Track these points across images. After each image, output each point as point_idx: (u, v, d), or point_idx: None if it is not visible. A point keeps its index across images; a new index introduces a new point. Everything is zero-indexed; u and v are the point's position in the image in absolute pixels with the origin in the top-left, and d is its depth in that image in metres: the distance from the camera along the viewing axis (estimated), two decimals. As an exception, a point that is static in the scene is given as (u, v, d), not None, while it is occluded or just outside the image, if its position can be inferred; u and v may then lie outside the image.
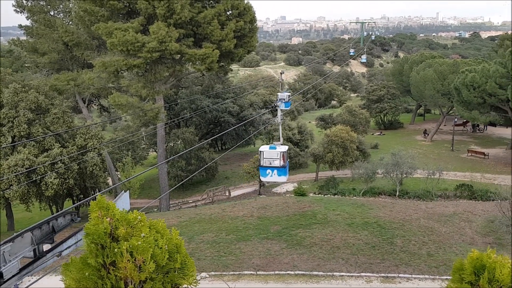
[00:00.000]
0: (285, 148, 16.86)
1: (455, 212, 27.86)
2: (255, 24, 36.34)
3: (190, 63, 34.38)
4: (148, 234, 4.82)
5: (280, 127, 18.46)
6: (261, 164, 16.77)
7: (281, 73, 29.22)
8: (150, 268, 4.69)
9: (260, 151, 16.79)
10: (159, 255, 4.82)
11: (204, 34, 32.38)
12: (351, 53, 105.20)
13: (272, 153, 16.50)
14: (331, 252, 22.01)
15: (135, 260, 4.65)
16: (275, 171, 16.62)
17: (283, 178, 17.04)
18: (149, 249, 4.69)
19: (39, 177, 27.73)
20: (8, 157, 28.47)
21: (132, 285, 4.67)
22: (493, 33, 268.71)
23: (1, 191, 27.52)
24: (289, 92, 30.77)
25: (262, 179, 17.50)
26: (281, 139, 18.10)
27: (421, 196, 33.48)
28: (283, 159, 16.40)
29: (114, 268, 4.67)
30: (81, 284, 4.67)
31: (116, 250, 4.65)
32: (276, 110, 18.31)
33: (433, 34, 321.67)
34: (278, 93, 28.86)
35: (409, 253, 21.74)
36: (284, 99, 27.26)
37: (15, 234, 8.73)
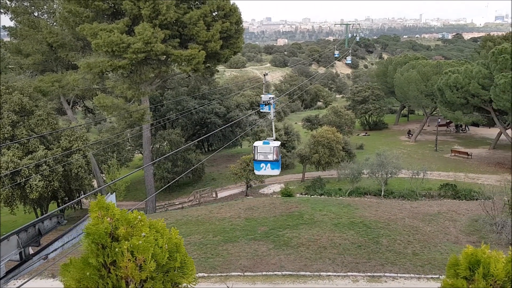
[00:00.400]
0: (277, 143, 17.66)
1: (439, 211, 28.21)
2: (241, 25, 36.36)
3: (176, 64, 34.27)
4: (148, 234, 4.84)
5: (273, 123, 19.38)
6: (255, 158, 17.46)
7: (264, 75, 29.07)
8: (151, 267, 4.71)
9: (254, 146, 17.55)
10: (160, 254, 4.85)
11: (190, 35, 32.31)
12: (336, 55, 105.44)
13: (266, 148, 17.35)
14: (318, 252, 22.13)
15: (135, 259, 4.68)
16: (269, 165, 17.49)
17: (276, 171, 17.73)
18: (150, 248, 4.72)
19: (23, 179, 27.38)
20: (-9, 159, 28.07)
21: (133, 284, 4.69)
22: (476, 35, 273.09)
23: (-15, 194, 27.12)
24: (273, 94, 30.57)
25: (256, 172, 17.97)
26: (274, 134, 19.00)
27: (406, 196, 33.86)
28: (276, 154, 17.22)
29: (114, 268, 4.69)
30: (82, 284, 4.68)
31: (117, 249, 4.67)
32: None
33: (416, 36, 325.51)
34: (262, 95, 29.23)
35: (395, 252, 21.96)
36: (268, 102, 27.94)
37: (0, 237, 8.64)
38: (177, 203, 40.40)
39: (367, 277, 20.00)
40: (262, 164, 17.58)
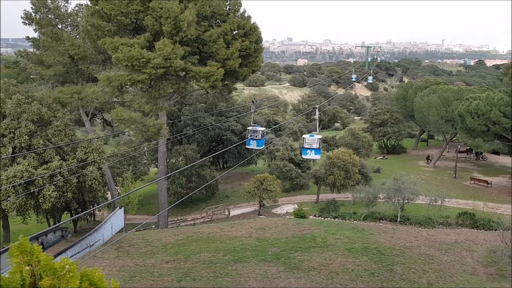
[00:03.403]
0: (320, 136, 24.08)
1: (456, 240, 27.44)
2: (260, 44, 36.45)
3: (195, 80, 34.40)
4: None
5: (317, 121, 24.93)
6: (303, 146, 23.98)
7: (252, 102, 26.46)
8: None
9: (303, 137, 24.56)
10: None
11: (210, 52, 32.46)
12: (353, 79, 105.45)
13: (311, 139, 23.75)
14: (329, 277, 21.59)
15: None
16: (313, 151, 23.62)
17: (318, 156, 24.14)
18: None
19: (37, 189, 27.48)
20: (7, 168, 28.29)
21: None
22: (498, 62, 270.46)
23: (-1, 202, 27.26)
24: (263, 127, 28.17)
25: (303, 156, 24.47)
26: (318, 129, 25.66)
27: (423, 223, 33.03)
28: (318, 143, 23.53)
29: None
30: None
31: None
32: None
33: (438, 61, 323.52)
34: (249, 127, 27.06)
35: (409, 281, 21.31)
36: (256, 136, 26.20)
37: (1, 249, 8.49)
38: (189, 219, 40.18)
39: (379, 306, 19.38)
40: (308, 151, 23.71)
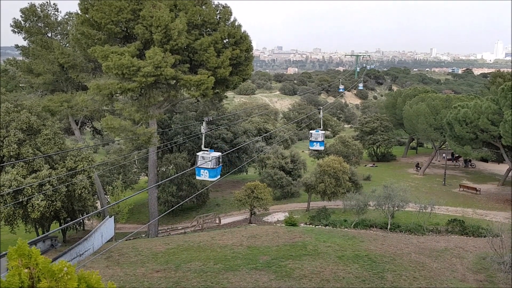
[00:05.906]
0: (324, 131, 29.61)
1: (446, 247, 27.58)
2: (251, 52, 36.63)
3: (185, 88, 34.41)
4: None
5: (322, 119, 29.63)
6: (310, 139, 29.99)
7: (204, 120, 20.83)
8: None
9: (310, 132, 30.36)
10: None
11: (200, 61, 32.53)
12: (340, 90, 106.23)
13: (317, 134, 29.44)
14: (320, 285, 21.55)
15: None
16: (318, 144, 29.43)
17: (322, 148, 30.73)
18: None
19: (25, 198, 27.17)
20: (-5, 177, 27.94)
21: None
22: (486, 70, 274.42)
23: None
24: (218, 151, 23.42)
25: (310, 148, 30.83)
26: (322, 126, 29.72)
27: (413, 230, 33.21)
28: (322, 137, 29.18)
29: None
30: None
31: None
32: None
33: (426, 69, 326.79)
34: (199, 153, 22.36)
35: (400, 288, 21.33)
36: (208, 164, 21.43)
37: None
38: (180, 227, 39.93)
39: (370, 314, 19.38)
40: (314, 143, 29.30)
